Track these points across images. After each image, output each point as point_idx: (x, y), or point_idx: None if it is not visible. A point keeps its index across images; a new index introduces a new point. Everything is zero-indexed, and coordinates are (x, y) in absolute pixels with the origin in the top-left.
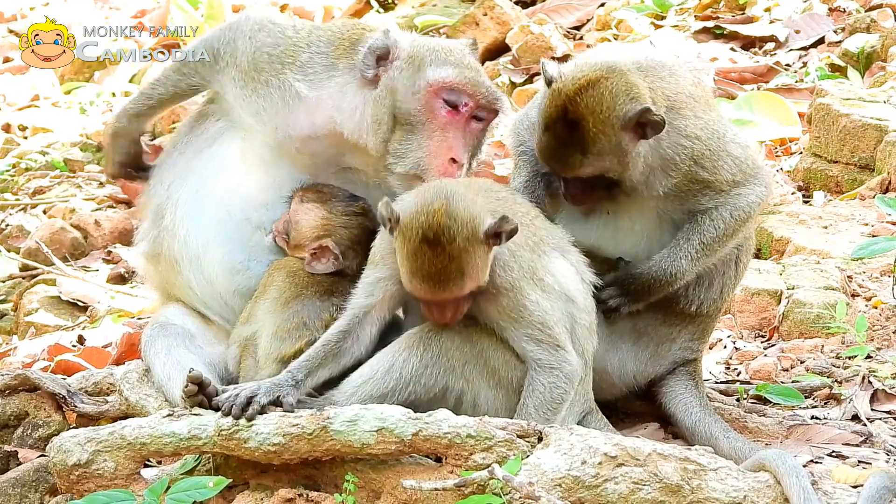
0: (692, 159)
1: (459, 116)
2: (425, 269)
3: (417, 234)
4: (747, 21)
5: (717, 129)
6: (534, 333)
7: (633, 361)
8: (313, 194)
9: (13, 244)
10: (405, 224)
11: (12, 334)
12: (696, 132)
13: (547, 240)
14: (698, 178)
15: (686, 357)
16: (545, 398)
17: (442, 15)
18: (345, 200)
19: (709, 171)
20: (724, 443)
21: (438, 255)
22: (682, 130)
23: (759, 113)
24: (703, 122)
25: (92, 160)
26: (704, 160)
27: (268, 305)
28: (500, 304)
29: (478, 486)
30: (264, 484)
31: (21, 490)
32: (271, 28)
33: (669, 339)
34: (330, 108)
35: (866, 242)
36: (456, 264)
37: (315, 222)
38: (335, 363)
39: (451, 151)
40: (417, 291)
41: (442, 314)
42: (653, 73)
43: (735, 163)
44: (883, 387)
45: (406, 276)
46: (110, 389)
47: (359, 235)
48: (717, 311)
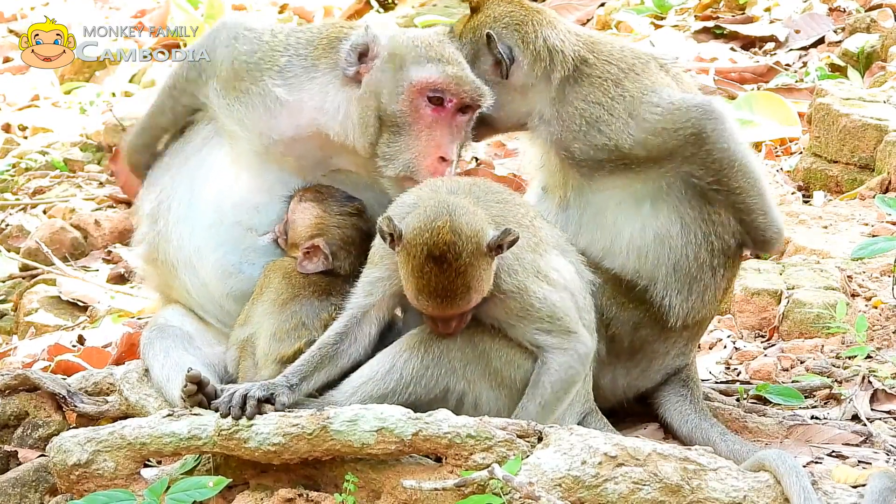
0: (585, 121)
1: (445, 112)
2: (432, 287)
3: (422, 252)
4: (747, 21)
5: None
6: (543, 326)
7: (625, 377)
8: (311, 194)
9: (13, 244)
10: (409, 241)
11: (12, 334)
12: (601, 99)
13: (547, 240)
14: (596, 143)
15: (678, 365)
16: (560, 376)
17: (442, 15)
18: (341, 200)
19: (606, 137)
20: (722, 446)
21: (445, 271)
22: (584, 95)
23: (759, 113)
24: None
25: (92, 160)
26: (601, 124)
27: (265, 307)
28: (507, 306)
29: (478, 486)
30: (264, 484)
31: (21, 490)
32: (247, 35)
33: (663, 354)
34: (312, 109)
35: (866, 242)
36: (462, 279)
37: (309, 221)
38: (332, 366)
39: (439, 150)
40: (425, 308)
41: (447, 326)
42: (590, 46)
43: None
44: (883, 387)
45: (412, 292)
46: (110, 389)
47: (352, 236)
48: (705, 319)
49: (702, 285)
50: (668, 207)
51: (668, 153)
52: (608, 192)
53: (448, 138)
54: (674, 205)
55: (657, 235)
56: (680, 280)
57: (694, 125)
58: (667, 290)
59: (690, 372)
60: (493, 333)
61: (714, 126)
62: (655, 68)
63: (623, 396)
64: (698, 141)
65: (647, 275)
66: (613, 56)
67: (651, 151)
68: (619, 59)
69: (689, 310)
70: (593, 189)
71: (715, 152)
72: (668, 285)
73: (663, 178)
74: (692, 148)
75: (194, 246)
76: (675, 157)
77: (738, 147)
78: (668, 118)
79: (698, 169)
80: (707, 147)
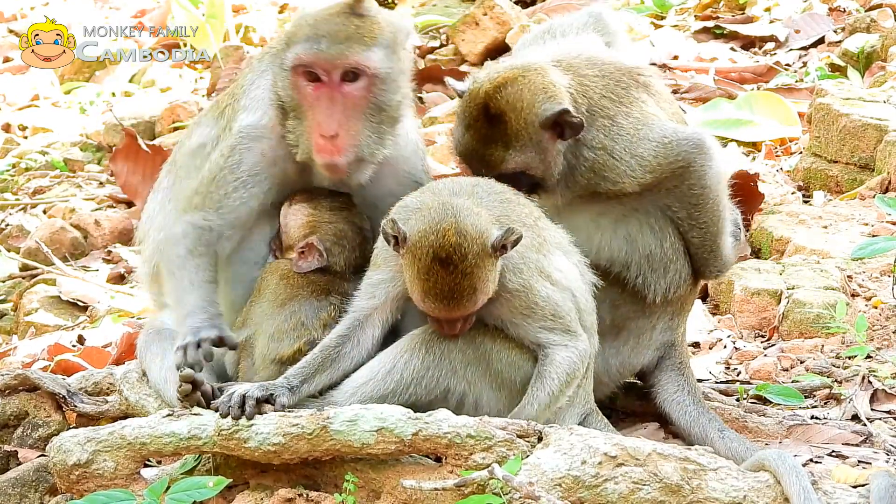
0: (592, 171)
1: (326, 87)
2: (438, 289)
3: (428, 254)
4: (747, 21)
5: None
6: (546, 324)
7: (615, 357)
8: (300, 196)
9: (13, 244)
10: (414, 243)
11: (12, 334)
12: (603, 142)
13: (550, 240)
14: (599, 190)
15: (666, 340)
16: (563, 369)
17: (442, 15)
18: (329, 197)
19: (611, 182)
20: (720, 442)
21: (451, 273)
22: (588, 141)
23: (759, 113)
24: (616, 128)
25: (92, 160)
26: (606, 171)
27: (264, 308)
28: (512, 305)
29: (478, 486)
30: (264, 484)
31: (21, 490)
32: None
33: (650, 328)
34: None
35: (866, 242)
36: (469, 281)
37: (301, 221)
38: (334, 368)
39: (320, 128)
40: (431, 310)
41: (452, 328)
42: (574, 71)
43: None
44: (883, 387)
45: (418, 295)
46: (110, 389)
47: (344, 229)
48: (688, 294)
49: (678, 265)
50: (640, 221)
51: (655, 186)
52: (585, 213)
53: (328, 113)
54: (645, 220)
55: (628, 236)
56: (654, 263)
57: (685, 158)
58: (640, 272)
59: (684, 359)
60: (493, 335)
61: (703, 162)
62: (636, 91)
63: (619, 377)
64: (685, 174)
65: (620, 264)
66: (599, 86)
67: (644, 187)
68: (607, 90)
69: (668, 286)
70: (571, 209)
71: (696, 188)
72: (641, 269)
73: (641, 204)
74: (676, 181)
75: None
76: (659, 189)
77: (718, 187)
78: (661, 153)
79: (675, 202)
80: (690, 182)
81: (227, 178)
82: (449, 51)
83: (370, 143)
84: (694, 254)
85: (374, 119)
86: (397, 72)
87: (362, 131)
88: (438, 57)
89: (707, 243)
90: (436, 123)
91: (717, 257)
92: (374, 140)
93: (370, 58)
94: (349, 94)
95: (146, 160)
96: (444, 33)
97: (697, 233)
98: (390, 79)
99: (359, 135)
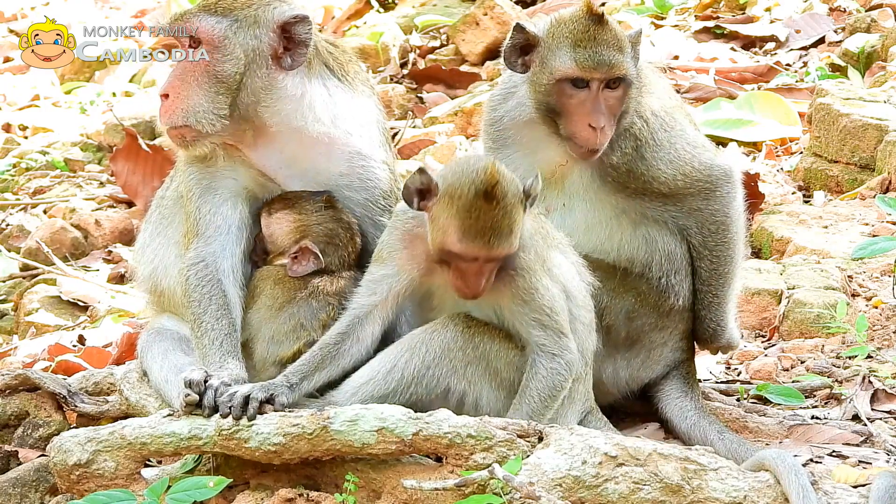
0: (636, 139)
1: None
2: (480, 224)
3: (471, 191)
4: (747, 21)
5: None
6: (541, 318)
7: (626, 369)
8: (279, 203)
9: (13, 244)
10: (451, 184)
11: (12, 334)
12: (649, 118)
13: (553, 235)
14: (633, 169)
15: (678, 358)
16: (547, 383)
17: (442, 15)
18: (311, 199)
19: (646, 165)
20: (720, 445)
21: (494, 208)
22: (639, 105)
23: (759, 113)
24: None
25: (92, 160)
26: (646, 149)
27: (261, 313)
28: (515, 284)
29: (478, 486)
30: (264, 484)
31: (21, 490)
32: None
33: (661, 344)
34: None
35: (866, 242)
36: (507, 220)
37: (288, 227)
38: (333, 366)
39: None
40: (469, 249)
41: (478, 279)
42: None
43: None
44: (883, 387)
45: (456, 235)
46: (111, 389)
47: (333, 228)
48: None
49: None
50: (659, 227)
51: (680, 198)
52: (608, 205)
53: (168, 79)
54: (665, 227)
55: (647, 236)
56: (675, 264)
57: (713, 181)
58: (663, 272)
59: (692, 368)
60: (493, 334)
61: (728, 190)
62: (681, 116)
63: (626, 389)
64: (709, 196)
65: (641, 263)
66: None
67: (671, 190)
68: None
69: (691, 287)
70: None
71: (719, 215)
72: (663, 268)
73: (661, 217)
74: (700, 202)
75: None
76: (682, 206)
77: (738, 221)
78: (696, 161)
79: (694, 225)
80: (714, 206)
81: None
82: (449, 51)
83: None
84: (698, 289)
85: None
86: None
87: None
88: (438, 57)
89: (713, 282)
90: (436, 123)
91: (717, 308)
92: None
93: (192, 20)
94: (198, 68)
95: (146, 160)
96: (444, 33)
97: (707, 264)
98: None
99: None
